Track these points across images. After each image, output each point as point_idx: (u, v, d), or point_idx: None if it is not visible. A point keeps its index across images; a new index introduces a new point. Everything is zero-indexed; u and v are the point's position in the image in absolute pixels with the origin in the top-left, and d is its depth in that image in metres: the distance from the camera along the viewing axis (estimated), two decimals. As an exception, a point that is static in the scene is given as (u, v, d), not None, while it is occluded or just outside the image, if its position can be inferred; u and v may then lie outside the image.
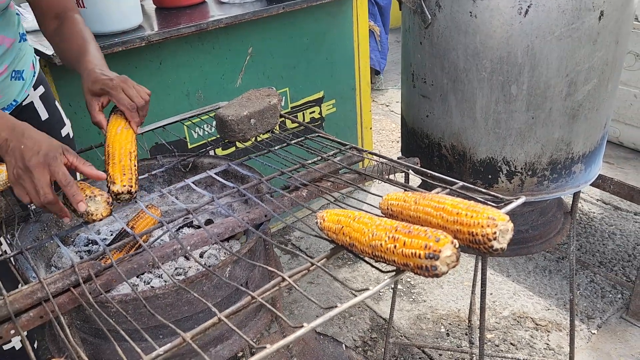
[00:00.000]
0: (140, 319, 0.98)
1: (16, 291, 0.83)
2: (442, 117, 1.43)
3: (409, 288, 2.56)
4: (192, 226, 1.33)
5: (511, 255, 2.41)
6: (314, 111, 2.95)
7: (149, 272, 1.16)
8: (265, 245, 1.18)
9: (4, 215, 1.16)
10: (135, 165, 1.10)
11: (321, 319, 0.66)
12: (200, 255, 1.22)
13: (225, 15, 2.26)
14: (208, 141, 1.71)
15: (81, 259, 1.07)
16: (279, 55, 2.65)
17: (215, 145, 2.42)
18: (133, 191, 1.06)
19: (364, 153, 1.21)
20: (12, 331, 0.81)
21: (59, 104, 1.54)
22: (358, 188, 1.07)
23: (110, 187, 1.05)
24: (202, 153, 1.41)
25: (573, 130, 1.35)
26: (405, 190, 0.95)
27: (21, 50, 1.37)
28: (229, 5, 2.47)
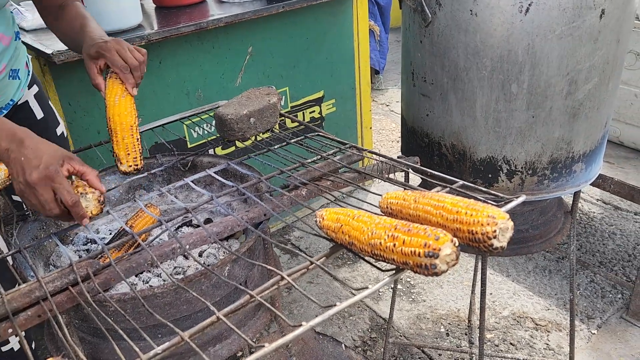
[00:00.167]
0: (139, 318, 0.97)
1: (14, 290, 0.83)
2: (442, 116, 1.43)
3: (408, 288, 2.55)
4: (192, 225, 1.33)
5: (511, 255, 2.41)
6: (314, 111, 2.94)
7: (148, 271, 1.16)
8: (265, 245, 1.17)
9: (3, 213, 1.16)
10: (137, 140, 1.16)
11: (319, 318, 0.65)
12: (200, 255, 1.21)
13: (225, 15, 2.26)
14: (208, 140, 1.71)
15: (80, 258, 1.07)
16: (279, 55, 2.64)
17: (215, 145, 2.42)
18: (140, 167, 1.15)
19: (363, 152, 1.20)
20: (10, 330, 0.81)
21: (52, 104, 1.54)
22: (358, 187, 1.06)
23: (118, 166, 1.14)
24: (202, 152, 1.40)
25: (573, 129, 1.34)
26: (405, 189, 0.95)
27: (17, 49, 1.37)
28: (229, 5, 2.46)
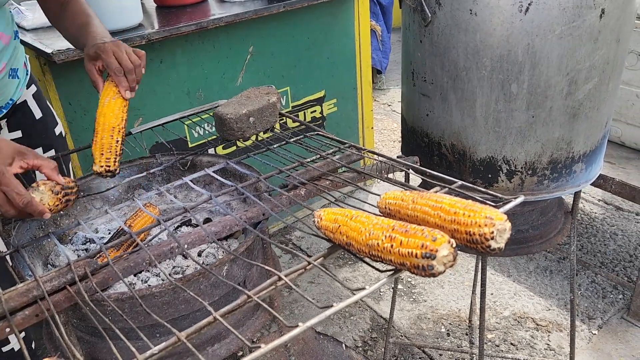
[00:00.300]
0: (137, 317, 0.97)
1: (12, 289, 0.83)
2: (442, 116, 1.42)
3: (409, 288, 2.55)
4: (191, 225, 1.33)
5: (511, 255, 2.40)
6: (315, 110, 2.94)
7: (147, 271, 1.15)
8: (263, 244, 1.17)
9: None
10: (117, 141, 1.10)
11: (316, 318, 0.65)
12: (199, 254, 1.21)
13: (226, 14, 2.26)
14: (208, 140, 1.70)
15: (78, 257, 1.07)
16: (280, 54, 2.64)
17: (215, 144, 2.42)
18: (112, 170, 1.08)
19: (362, 152, 1.20)
20: (7, 329, 0.81)
21: (51, 103, 1.54)
22: (357, 187, 1.06)
23: (92, 167, 1.09)
24: (201, 151, 1.40)
25: (574, 129, 1.34)
26: (404, 189, 0.94)
27: (16, 49, 1.37)
28: (230, 4, 2.46)
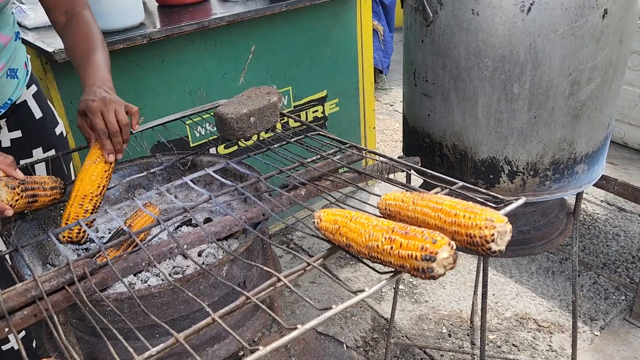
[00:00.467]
0: (136, 317, 0.97)
1: (10, 289, 0.83)
2: (444, 116, 1.42)
3: (411, 288, 2.54)
4: (191, 224, 1.32)
5: (513, 256, 2.39)
6: (317, 110, 2.94)
7: (147, 271, 1.15)
8: (263, 245, 1.17)
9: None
10: (87, 211, 1.08)
11: (315, 320, 0.65)
12: (199, 254, 1.21)
13: (227, 13, 2.25)
14: (209, 140, 1.70)
15: (77, 257, 1.06)
16: (282, 54, 2.64)
17: (217, 143, 2.41)
18: (76, 241, 1.07)
19: (363, 152, 1.19)
20: (6, 329, 0.80)
21: (51, 103, 1.53)
22: (358, 188, 1.05)
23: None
24: (202, 151, 1.40)
25: (576, 130, 1.33)
26: (405, 190, 0.94)
27: (16, 49, 1.36)
28: (232, 3, 2.46)
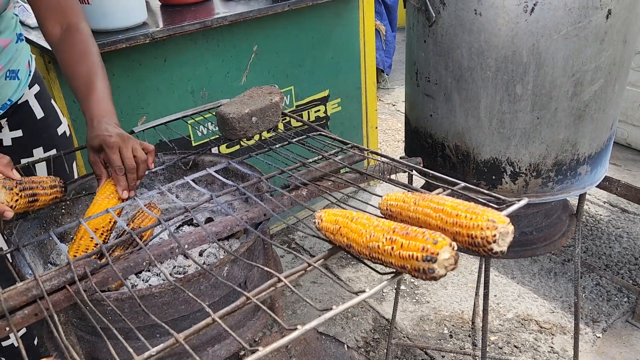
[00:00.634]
0: (137, 317, 0.97)
1: (11, 288, 0.82)
2: (446, 117, 1.41)
3: (412, 289, 2.54)
4: (193, 224, 1.32)
5: (515, 257, 2.39)
6: (319, 110, 2.93)
7: (148, 271, 1.15)
8: (264, 245, 1.17)
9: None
10: (97, 245, 1.06)
11: (315, 321, 0.65)
12: (200, 254, 1.21)
13: (230, 13, 2.25)
14: (211, 140, 1.70)
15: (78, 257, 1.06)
16: (284, 54, 2.64)
17: (219, 143, 2.41)
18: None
19: (365, 152, 1.19)
20: (7, 329, 0.80)
21: (55, 103, 1.53)
22: (359, 188, 1.05)
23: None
24: (203, 151, 1.40)
25: (579, 131, 1.33)
26: (407, 190, 0.94)
27: (17, 51, 1.36)
28: (234, 3, 2.46)
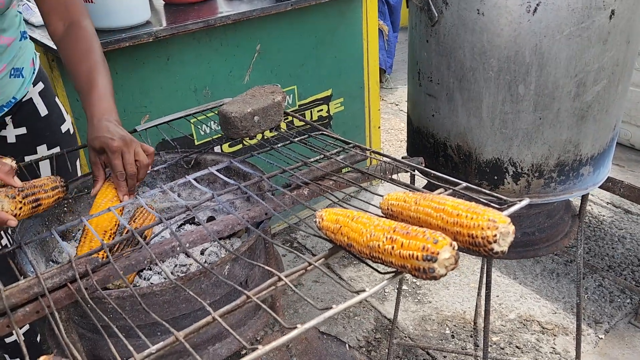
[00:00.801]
0: (138, 315, 0.97)
1: (12, 285, 0.83)
2: (448, 117, 1.41)
3: (414, 289, 2.54)
4: (194, 223, 1.33)
5: (517, 258, 2.39)
6: (321, 109, 2.93)
7: (149, 269, 1.15)
8: (266, 244, 1.17)
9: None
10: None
11: (315, 320, 0.65)
12: (202, 253, 1.21)
13: (233, 12, 2.26)
14: (213, 138, 1.70)
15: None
16: (287, 53, 2.64)
17: (221, 142, 2.42)
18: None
19: (367, 152, 1.19)
20: (8, 326, 0.81)
21: (59, 100, 1.54)
22: (361, 188, 1.05)
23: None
24: (205, 150, 1.40)
25: (581, 131, 1.32)
26: (408, 190, 0.94)
27: (21, 49, 1.36)
28: (238, 2, 2.46)
